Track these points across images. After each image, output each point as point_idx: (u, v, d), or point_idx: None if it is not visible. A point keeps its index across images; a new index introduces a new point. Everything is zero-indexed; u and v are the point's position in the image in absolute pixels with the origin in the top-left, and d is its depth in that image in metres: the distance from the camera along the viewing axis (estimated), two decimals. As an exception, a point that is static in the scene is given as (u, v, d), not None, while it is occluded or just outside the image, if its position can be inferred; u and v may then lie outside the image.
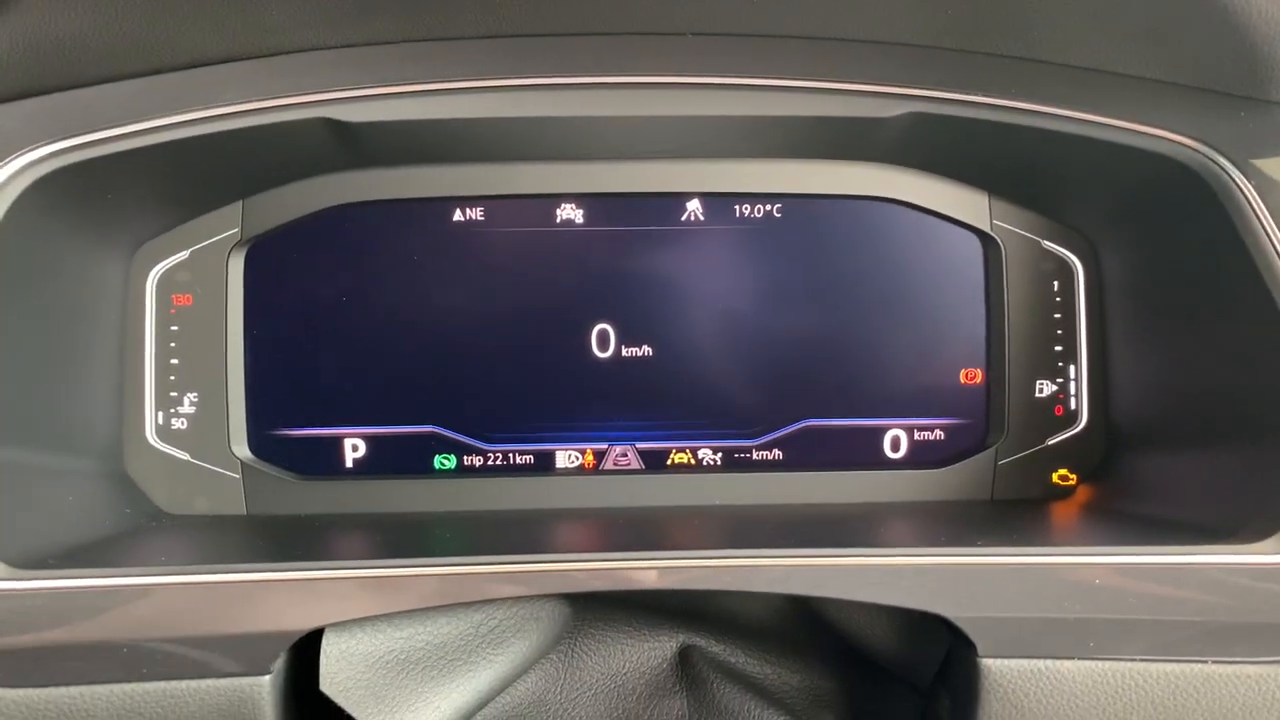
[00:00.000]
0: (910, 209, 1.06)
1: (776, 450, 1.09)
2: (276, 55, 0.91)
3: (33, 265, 0.91)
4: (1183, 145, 0.90)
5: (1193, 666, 0.83)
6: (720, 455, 1.09)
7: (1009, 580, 0.84)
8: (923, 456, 1.09)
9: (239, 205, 1.03)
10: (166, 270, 1.03)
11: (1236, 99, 0.90)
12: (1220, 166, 0.89)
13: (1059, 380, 1.08)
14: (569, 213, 1.06)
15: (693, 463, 1.09)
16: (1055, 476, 1.08)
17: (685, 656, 1.03)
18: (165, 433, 1.05)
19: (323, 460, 1.07)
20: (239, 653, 0.81)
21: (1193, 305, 0.98)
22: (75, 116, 0.88)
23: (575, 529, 1.02)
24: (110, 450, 1.02)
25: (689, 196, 1.06)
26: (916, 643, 0.95)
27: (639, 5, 0.90)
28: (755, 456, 1.09)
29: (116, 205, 0.96)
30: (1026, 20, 0.89)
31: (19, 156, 0.86)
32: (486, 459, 1.08)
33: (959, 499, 1.08)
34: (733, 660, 1.03)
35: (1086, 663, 0.83)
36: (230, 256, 1.04)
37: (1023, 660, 0.84)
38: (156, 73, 0.90)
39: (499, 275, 1.06)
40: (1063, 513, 1.04)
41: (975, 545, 0.86)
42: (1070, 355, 1.08)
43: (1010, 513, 1.04)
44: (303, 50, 0.92)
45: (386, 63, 0.92)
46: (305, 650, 0.85)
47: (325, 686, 0.84)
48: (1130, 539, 0.88)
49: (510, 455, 1.08)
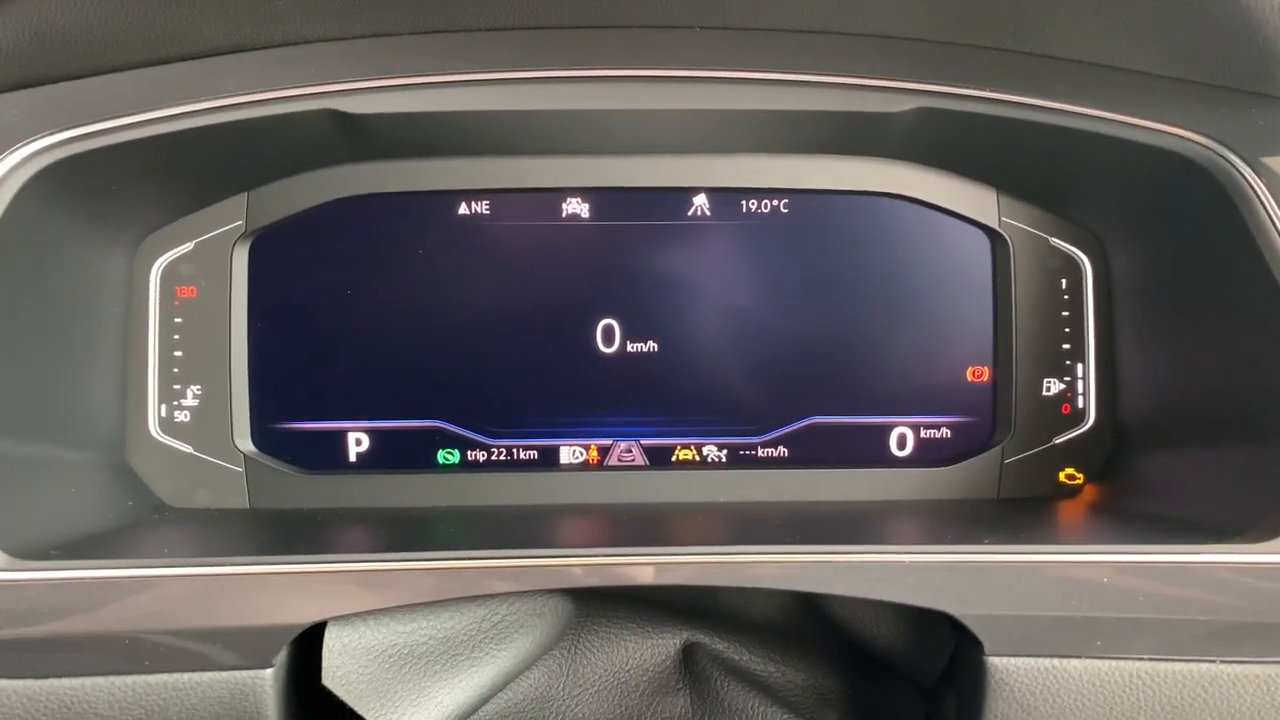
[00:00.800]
0: (918, 205, 1.05)
1: (782, 447, 1.08)
2: (282, 46, 0.91)
3: (36, 257, 0.91)
4: (1193, 142, 0.90)
5: (1200, 666, 0.83)
6: (725, 452, 1.09)
7: (1016, 578, 0.83)
8: (929, 454, 1.09)
9: (243, 197, 1.03)
10: (170, 262, 1.03)
11: (1248, 95, 0.90)
12: (1231, 163, 0.88)
13: (1066, 379, 1.08)
14: (575, 207, 1.05)
15: (697, 459, 1.09)
16: (1062, 475, 1.08)
17: (689, 653, 1.03)
18: (168, 425, 1.04)
19: (326, 454, 1.07)
20: (241, 646, 0.81)
21: (1202, 303, 0.97)
22: (80, 107, 0.88)
23: (579, 525, 1.02)
24: (113, 443, 1.02)
25: (695, 191, 1.06)
26: (922, 641, 0.95)
27: (646, -1, 0.90)
28: (760, 453, 1.08)
29: (120, 196, 0.96)
30: (1036, 15, 0.89)
31: (23, 147, 0.85)
32: (490, 454, 1.08)
33: (965, 497, 1.08)
34: (736, 657, 1.02)
35: (1094, 661, 0.83)
36: (234, 249, 1.03)
37: (1029, 659, 0.83)
38: (162, 63, 0.90)
39: (504, 269, 1.06)
40: (1069, 511, 1.03)
41: (982, 543, 0.86)
42: (1078, 353, 1.07)
43: (1017, 511, 1.04)
44: (308, 41, 0.91)
45: (392, 54, 0.91)
46: (307, 644, 0.84)
47: (328, 680, 0.84)
48: (1137, 538, 0.88)
49: (514, 450, 1.08)
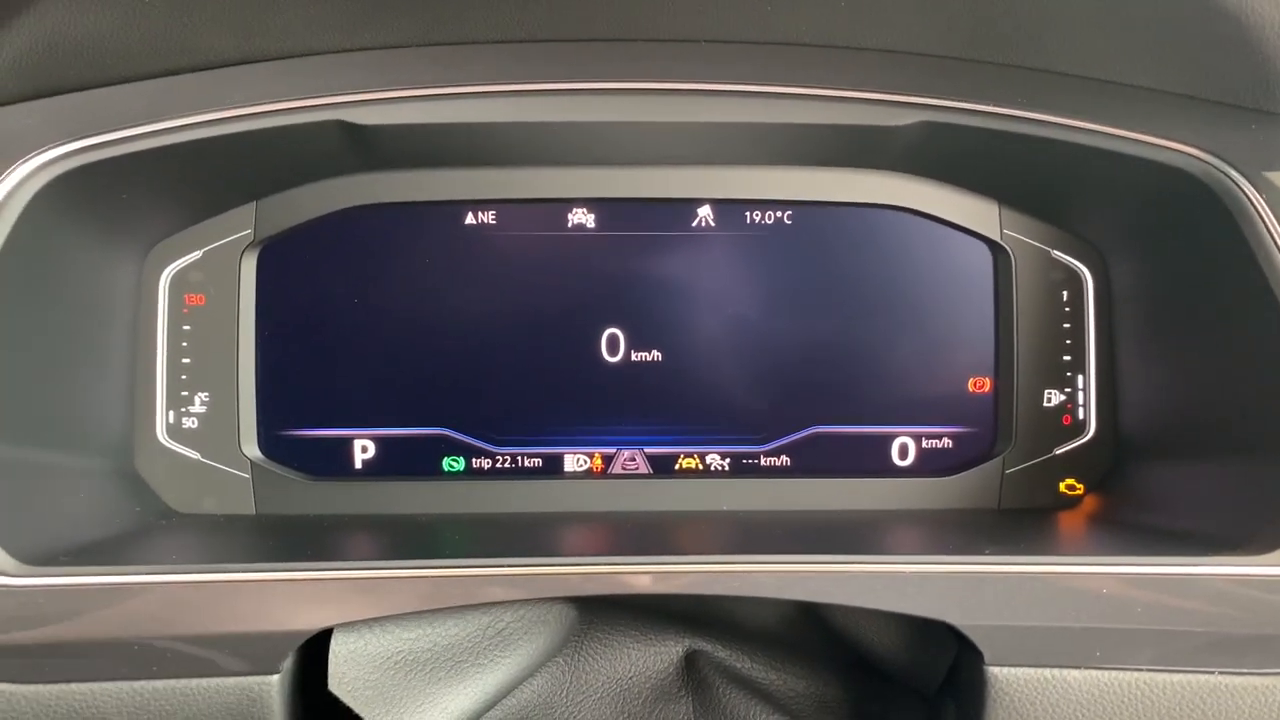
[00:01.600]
0: (921, 217, 1.06)
1: (785, 456, 1.09)
2: (292, 58, 0.92)
3: (47, 264, 0.91)
4: (1194, 157, 0.90)
5: (1200, 677, 0.83)
6: (728, 461, 1.09)
7: (1017, 589, 0.84)
8: (930, 464, 1.09)
9: (252, 206, 1.04)
10: (179, 270, 1.04)
11: (1248, 112, 0.91)
12: (1231, 179, 0.89)
13: (1067, 390, 1.08)
14: (580, 217, 1.06)
15: (701, 468, 1.09)
16: (1063, 486, 1.08)
17: (691, 661, 1.03)
18: (176, 432, 1.05)
19: (332, 461, 1.08)
20: (248, 652, 0.81)
21: (1202, 317, 0.98)
22: (91, 116, 0.88)
23: (583, 533, 1.02)
24: (121, 449, 1.02)
25: (700, 202, 1.06)
26: (923, 650, 0.95)
27: (652, 11, 0.90)
28: (763, 462, 1.09)
29: (131, 205, 0.96)
30: (1038, 31, 0.90)
31: (35, 156, 0.86)
32: (495, 461, 1.08)
33: (966, 507, 1.08)
34: (739, 665, 1.03)
35: (1093, 672, 0.83)
36: (243, 257, 1.04)
37: (1029, 669, 0.83)
38: (172, 74, 0.91)
39: (509, 279, 1.06)
40: (1070, 522, 1.04)
41: (983, 554, 0.86)
42: (1079, 365, 1.08)
43: (1017, 522, 1.04)
44: (318, 53, 0.92)
45: (401, 66, 0.92)
46: (314, 650, 0.85)
47: (334, 687, 0.84)
48: (1138, 549, 0.88)
49: (519, 458, 1.08)
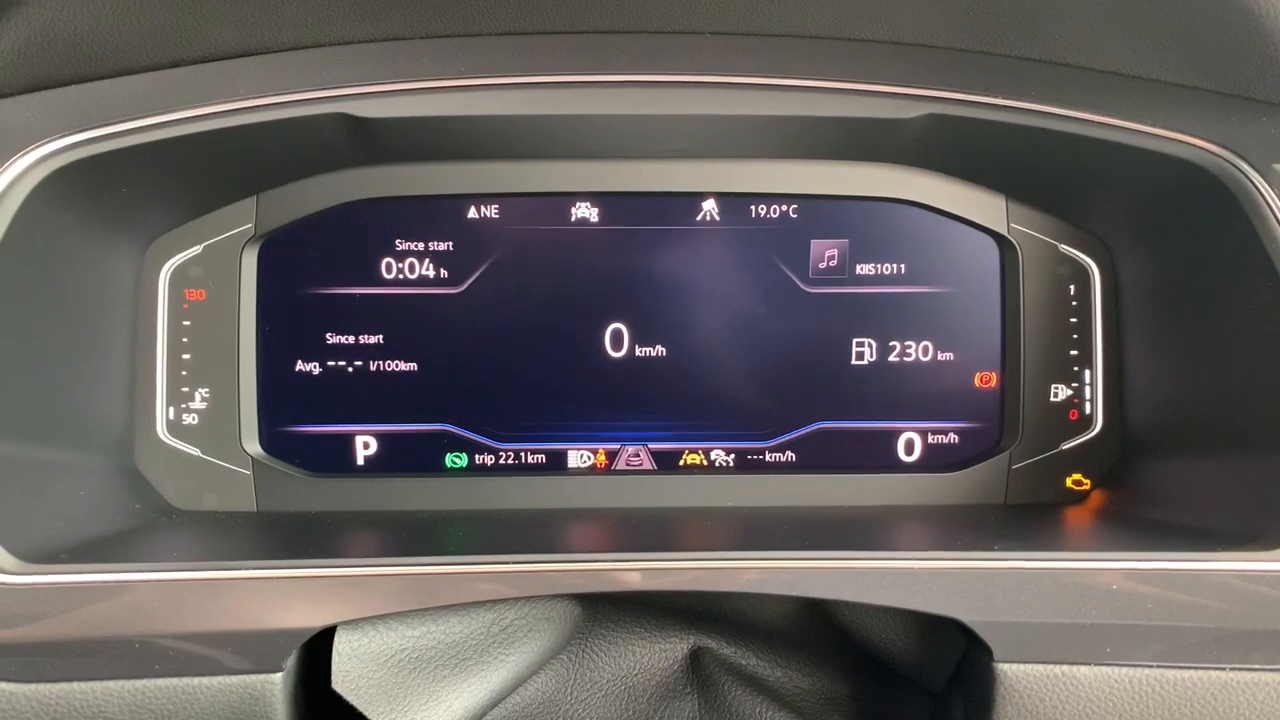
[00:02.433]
0: (927, 211, 1.06)
1: (789, 452, 1.08)
2: (293, 50, 0.91)
3: (46, 259, 0.90)
4: (1203, 150, 0.90)
5: (1210, 673, 0.83)
6: (733, 456, 1.09)
7: (1025, 585, 0.84)
8: (936, 460, 1.09)
9: (253, 200, 1.03)
10: (180, 265, 1.03)
11: (1258, 104, 0.90)
12: (1241, 171, 0.89)
13: (1074, 385, 1.08)
14: (584, 211, 1.05)
15: (705, 464, 1.09)
16: (1069, 481, 1.08)
17: (696, 658, 1.03)
18: (176, 428, 1.04)
19: (334, 457, 1.07)
20: (251, 650, 0.81)
21: (1210, 310, 0.97)
22: (90, 110, 0.88)
23: (586, 529, 1.02)
24: (121, 445, 1.02)
25: (705, 196, 1.06)
26: (930, 646, 0.95)
27: (657, 4, 0.89)
28: (768, 458, 1.08)
29: (131, 199, 0.96)
30: (1046, 23, 0.89)
31: (34, 149, 0.86)
32: (498, 458, 1.08)
33: (972, 503, 1.08)
34: (744, 662, 1.02)
35: (1103, 668, 0.83)
36: (244, 252, 1.03)
37: (1038, 665, 0.83)
38: (173, 66, 0.90)
39: (513, 273, 1.06)
40: (1077, 517, 1.03)
41: (991, 550, 0.86)
42: (1086, 360, 1.07)
43: (1024, 517, 1.04)
44: (319, 45, 0.92)
45: (403, 58, 0.91)
46: (317, 648, 0.84)
47: (337, 685, 0.84)
48: (1146, 545, 0.88)
49: (522, 454, 1.08)
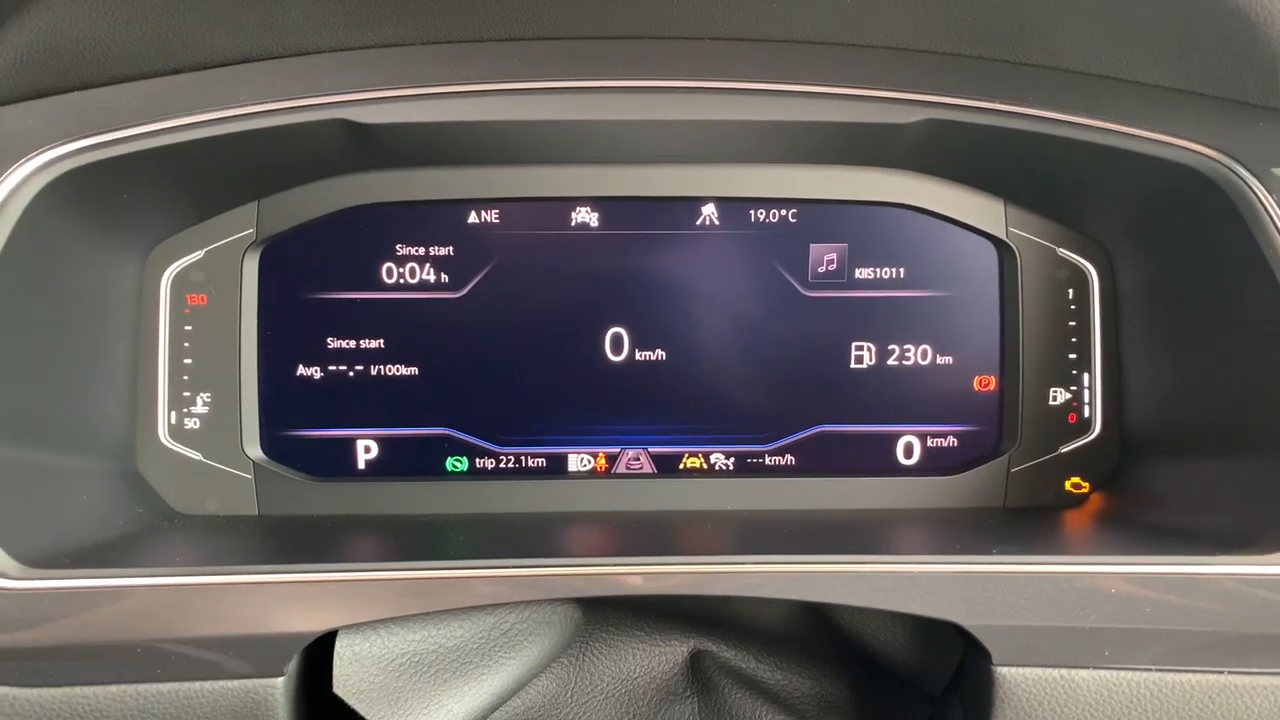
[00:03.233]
0: (926, 215, 1.06)
1: (789, 456, 1.09)
2: (294, 56, 0.92)
3: (49, 264, 0.91)
4: (1202, 155, 0.90)
5: (1208, 677, 0.83)
6: (733, 460, 1.09)
7: (1023, 588, 0.84)
8: (935, 463, 1.09)
9: (254, 206, 1.03)
10: (181, 270, 1.03)
11: (1257, 109, 0.90)
12: (1238, 175, 0.89)
13: (1073, 388, 1.08)
14: (584, 216, 1.06)
15: (705, 467, 1.09)
16: (1068, 484, 1.08)
17: (696, 661, 1.03)
18: (178, 432, 1.05)
19: (335, 461, 1.07)
20: (252, 654, 0.81)
21: (1208, 314, 0.97)
22: (93, 116, 0.88)
23: (587, 533, 1.02)
24: (123, 450, 1.02)
25: (704, 201, 1.06)
26: (929, 650, 0.95)
27: (656, 9, 0.90)
28: (768, 462, 1.09)
29: (132, 205, 0.96)
30: (1044, 28, 0.89)
31: (36, 156, 0.86)
32: (499, 461, 1.08)
33: (971, 506, 1.08)
34: (744, 665, 1.03)
35: (1101, 672, 0.83)
36: (245, 257, 1.04)
37: (1037, 669, 0.83)
38: (174, 73, 0.91)
39: (513, 278, 1.06)
40: (1076, 521, 1.03)
41: (990, 553, 0.86)
42: (1084, 363, 1.08)
43: (1023, 521, 1.04)
44: (320, 51, 0.92)
45: (404, 65, 0.92)
46: (318, 652, 0.84)
47: (338, 689, 0.84)
48: (1145, 548, 0.88)
49: (523, 458, 1.08)
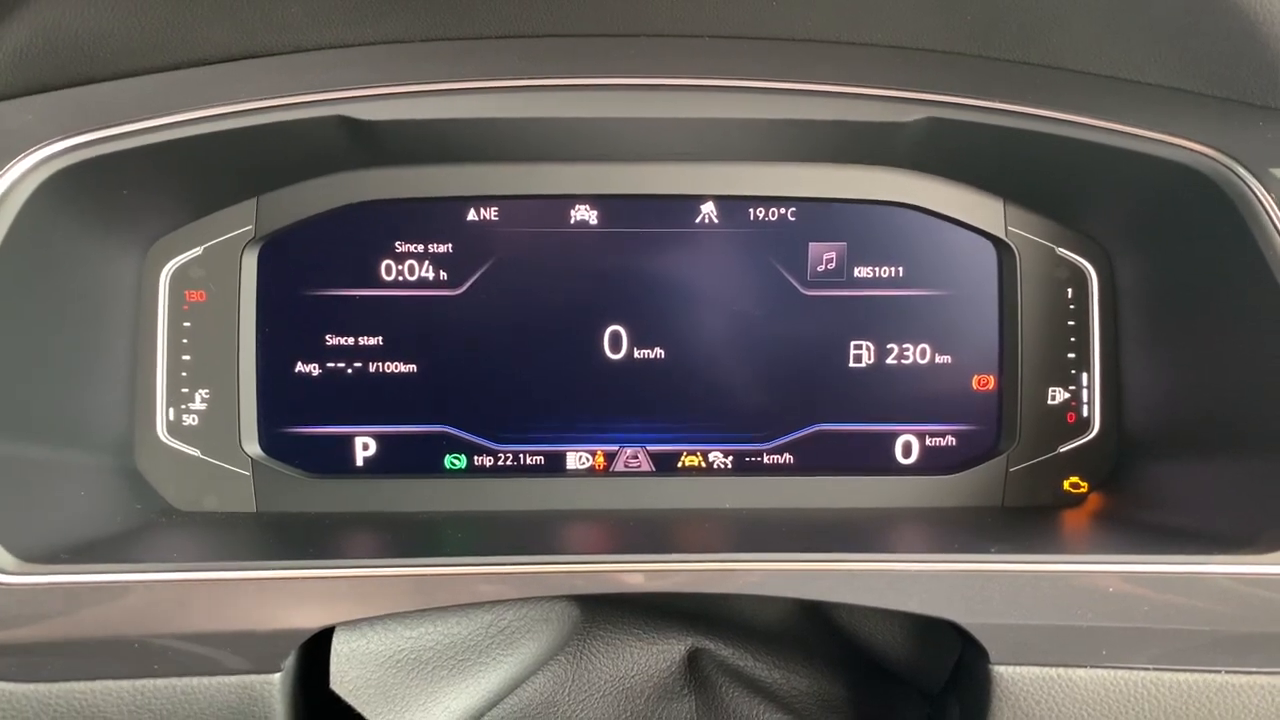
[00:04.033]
0: (925, 214, 1.06)
1: (787, 454, 1.09)
2: (294, 53, 0.92)
3: (47, 260, 0.91)
4: (1201, 154, 0.90)
5: (1206, 676, 0.83)
6: (731, 458, 1.09)
7: (1021, 587, 0.84)
8: (934, 462, 1.09)
9: (254, 202, 1.03)
10: (180, 266, 1.03)
11: (1256, 109, 0.90)
12: (1238, 175, 0.89)
13: (1071, 387, 1.08)
14: (583, 214, 1.06)
15: (703, 465, 1.09)
16: (1066, 484, 1.08)
17: (694, 659, 1.03)
18: (176, 429, 1.04)
19: (333, 459, 1.07)
20: (250, 650, 0.81)
21: (1207, 314, 0.97)
22: (91, 112, 0.88)
23: (585, 530, 1.02)
24: (121, 446, 1.02)
25: (704, 199, 1.06)
26: (927, 648, 0.95)
27: (656, 7, 0.90)
28: (766, 460, 1.09)
29: (131, 201, 0.96)
30: (1044, 27, 0.89)
31: (35, 151, 0.86)
32: (497, 459, 1.08)
33: (970, 505, 1.08)
34: (741, 664, 1.03)
35: (1099, 671, 0.83)
36: (244, 253, 1.04)
37: (1034, 668, 0.83)
38: (174, 69, 0.91)
39: (512, 275, 1.06)
40: (1074, 520, 1.03)
41: (988, 552, 0.86)
42: (1083, 363, 1.08)
43: (1022, 520, 1.04)
44: (320, 48, 0.92)
45: (403, 61, 0.92)
46: (316, 649, 0.84)
47: (336, 685, 0.84)
48: (1143, 547, 0.88)
49: (521, 456, 1.08)
